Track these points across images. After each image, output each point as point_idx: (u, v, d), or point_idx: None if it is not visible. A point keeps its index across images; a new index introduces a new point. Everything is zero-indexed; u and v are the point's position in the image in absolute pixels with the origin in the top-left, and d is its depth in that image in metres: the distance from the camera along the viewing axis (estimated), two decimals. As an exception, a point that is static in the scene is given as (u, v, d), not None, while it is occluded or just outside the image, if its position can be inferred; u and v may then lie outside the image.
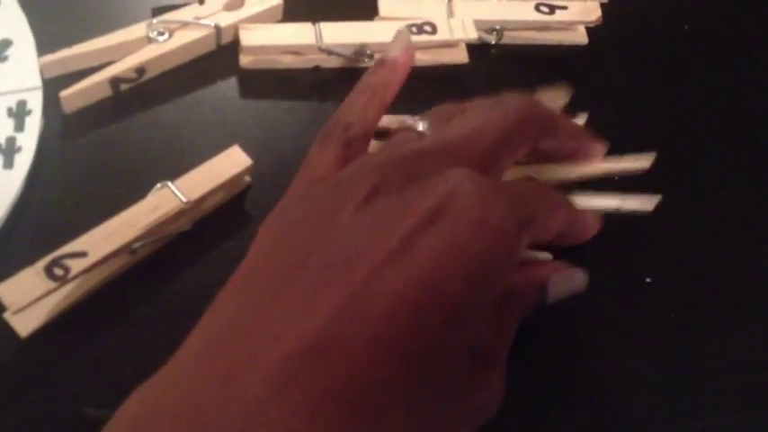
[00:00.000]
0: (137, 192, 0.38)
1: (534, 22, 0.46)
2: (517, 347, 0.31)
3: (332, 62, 0.44)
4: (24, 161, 0.38)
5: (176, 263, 0.37)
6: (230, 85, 0.43)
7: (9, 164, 0.38)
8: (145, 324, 0.36)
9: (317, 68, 0.44)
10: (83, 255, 0.33)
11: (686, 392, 0.36)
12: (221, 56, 0.44)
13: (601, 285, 0.36)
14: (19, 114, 0.39)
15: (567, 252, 0.36)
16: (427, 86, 0.45)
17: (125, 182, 0.39)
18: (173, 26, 0.42)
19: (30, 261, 0.34)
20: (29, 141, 0.39)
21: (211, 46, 0.44)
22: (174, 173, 0.37)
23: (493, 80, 0.46)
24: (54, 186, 0.39)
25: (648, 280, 0.39)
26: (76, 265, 0.33)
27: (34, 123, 0.39)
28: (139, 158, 0.40)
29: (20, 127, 0.39)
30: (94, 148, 0.40)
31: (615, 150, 0.38)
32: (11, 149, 0.38)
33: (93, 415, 0.34)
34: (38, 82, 0.40)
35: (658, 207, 0.37)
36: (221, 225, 0.38)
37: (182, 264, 0.37)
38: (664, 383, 0.36)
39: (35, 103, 0.40)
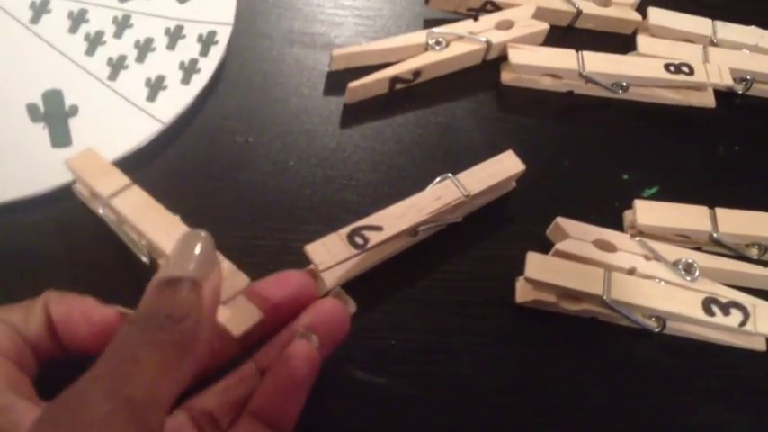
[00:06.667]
0: (408, 180, 0.41)
1: (786, 77, 0.47)
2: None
3: (585, 89, 0.46)
4: (199, 82, 0.42)
5: (442, 252, 0.40)
6: (489, 99, 0.46)
7: (186, 81, 0.42)
8: (409, 303, 0.38)
9: (570, 93, 0.47)
10: (379, 229, 0.36)
11: None
12: (483, 71, 0.47)
13: None
14: (206, 42, 0.44)
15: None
16: (673, 127, 0.47)
17: (394, 172, 0.42)
18: (449, 37, 0.45)
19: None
20: (208, 66, 0.43)
21: (478, 60, 0.46)
22: (440, 170, 0.39)
23: (736, 128, 0.47)
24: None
25: None
26: (374, 237, 0.36)
27: (218, 53, 0.44)
28: (407, 153, 0.43)
29: (204, 53, 0.44)
30: (368, 138, 0.43)
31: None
32: (191, 69, 0.43)
33: (362, 378, 0.36)
34: (230, 19, 0.45)
35: None
36: (486, 223, 0.41)
37: (445, 255, 0.40)
38: None
39: (223, 36, 0.44)
